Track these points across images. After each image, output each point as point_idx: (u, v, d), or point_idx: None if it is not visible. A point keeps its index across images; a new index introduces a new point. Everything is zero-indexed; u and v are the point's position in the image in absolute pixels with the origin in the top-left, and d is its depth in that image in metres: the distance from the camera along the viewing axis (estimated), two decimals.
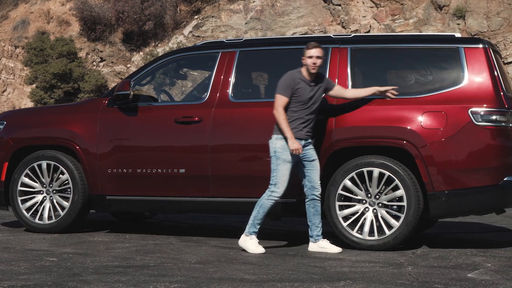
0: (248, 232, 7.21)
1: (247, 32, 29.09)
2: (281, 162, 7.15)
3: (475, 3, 27.55)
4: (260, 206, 7.19)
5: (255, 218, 7.20)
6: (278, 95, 7.21)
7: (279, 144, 7.17)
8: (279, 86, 7.23)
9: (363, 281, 5.62)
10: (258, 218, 7.20)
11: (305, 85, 7.21)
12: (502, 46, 26.46)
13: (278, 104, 7.18)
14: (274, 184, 7.17)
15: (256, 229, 7.21)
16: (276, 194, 7.15)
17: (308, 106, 7.21)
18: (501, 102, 7.20)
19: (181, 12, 30.63)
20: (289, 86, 7.18)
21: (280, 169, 7.15)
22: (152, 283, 5.43)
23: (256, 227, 7.21)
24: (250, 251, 7.11)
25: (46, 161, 8.46)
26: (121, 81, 8.35)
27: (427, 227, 8.80)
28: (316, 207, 7.26)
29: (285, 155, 7.14)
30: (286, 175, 7.16)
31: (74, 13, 29.77)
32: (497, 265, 6.45)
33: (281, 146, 7.15)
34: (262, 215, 7.19)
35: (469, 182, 7.15)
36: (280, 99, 7.18)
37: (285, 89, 7.18)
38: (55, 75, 26.36)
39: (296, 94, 7.18)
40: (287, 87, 7.18)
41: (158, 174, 8.02)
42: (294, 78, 7.21)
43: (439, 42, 7.70)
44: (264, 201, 7.18)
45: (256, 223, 7.20)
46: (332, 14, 29.30)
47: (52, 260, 6.50)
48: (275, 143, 7.19)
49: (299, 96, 7.18)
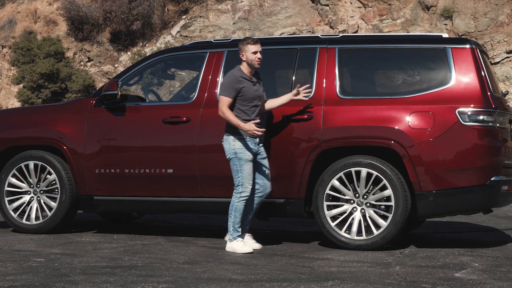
0: (232, 238, 7.22)
1: (235, 32, 29.09)
2: (244, 162, 7.15)
3: (462, 3, 27.66)
4: (235, 210, 7.18)
5: (234, 223, 7.20)
6: (221, 96, 7.19)
7: (238, 145, 7.17)
8: (222, 88, 7.22)
9: (351, 281, 5.62)
10: (237, 222, 7.20)
11: (248, 83, 7.21)
12: (489, 46, 26.57)
13: (222, 104, 7.16)
14: (241, 184, 7.16)
15: (239, 232, 7.22)
16: (245, 194, 7.15)
17: (254, 104, 7.22)
18: (488, 102, 7.23)
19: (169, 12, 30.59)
20: (232, 86, 7.16)
21: (245, 169, 7.15)
22: (140, 284, 5.41)
23: (238, 230, 7.21)
24: (240, 251, 7.12)
25: (33, 161, 8.43)
26: (109, 81, 8.33)
27: (415, 227, 8.82)
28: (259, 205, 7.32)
29: (246, 155, 7.15)
30: (251, 174, 7.18)
31: (61, 13, 29.67)
32: (484, 265, 6.47)
33: (240, 146, 7.16)
34: (239, 218, 7.19)
35: (456, 182, 7.17)
36: (224, 100, 7.16)
37: (228, 89, 7.16)
38: (42, 75, 26.27)
39: (241, 94, 7.16)
40: (230, 88, 7.16)
41: (146, 174, 8.01)
42: (237, 77, 7.19)
43: (426, 43, 7.72)
44: (237, 204, 7.17)
45: (236, 227, 7.20)
46: (320, 14, 29.34)
47: (40, 260, 6.48)
48: (233, 144, 7.18)
49: (244, 95, 7.17)
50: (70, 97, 26.33)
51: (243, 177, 7.15)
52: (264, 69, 7.47)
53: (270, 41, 8.58)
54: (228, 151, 7.21)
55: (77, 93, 26.62)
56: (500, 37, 26.67)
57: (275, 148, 7.57)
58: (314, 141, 7.45)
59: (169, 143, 7.98)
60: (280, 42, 8.47)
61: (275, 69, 8.40)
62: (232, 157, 7.18)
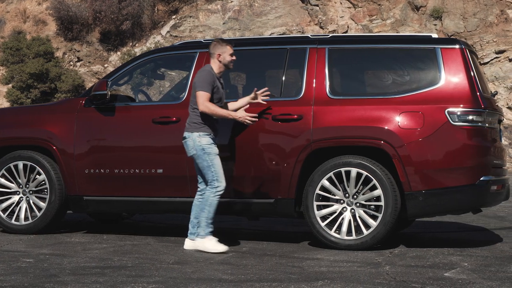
0: (203, 234, 7.18)
1: (225, 32, 29.07)
2: (214, 157, 7.17)
3: (451, 4, 27.73)
4: (209, 206, 7.15)
5: (207, 219, 7.17)
6: (201, 91, 7.16)
7: (204, 141, 7.18)
8: (200, 83, 7.18)
9: (341, 281, 5.63)
10: (210, 217, 7.18)
11: (218, 82, 7.29)
12: (479, 46, 26.66)
13: (204, 99, 7.14)
14: (216, 179, 7.15)
15: (211, 229, 7.20)
16: (220, 188, 7.15)
17: (220, 105, 7.29)
18: (477, 102, 7.25)
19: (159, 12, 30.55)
20: (209, 82, 7.19)
21: (216, 163, 7.17)
22: (130, 284, 5.40)
23: (210, 226, 7.19)
24: (211, 250, 7.07)
25: (22, 162, 8.40)
26: (98, 81, 8.30)
27: (404, 227, 8.84)
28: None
29: (214, 149, 7.20)
30: (222, 168, 7.19)
31: (50, 13, 29.60)
32: (473, 264, 6.49)
33: (208, 141, 7.19)
34: (213, 213, 7.17)
35: (446, 181, 7.19)
36: (205, 95, 7.16)
37: (207, 85, 7.17)
38: (31, 75, 26.19)
39: (214, 91, 7.22)
40: (208, 84, 7.18)
41: (136, 174, 7.99)
42: (212, 75, 7.24)
43: (416, 43, 7.73)
44: (212, 199, 7.14)
45: (209, 223, 7.18)
46: (310, 14, 29.36)
47: (29, 261, 6.46)
48: (199, 140, 7.19)
49: (216, 94, 7.23)
50: (59, 97, 26.26)
51: (216, 172, 7.15)
52: (254, 69, 7.47)
53: (260, 41, 8.58)
54: (193, 148, 7.20)
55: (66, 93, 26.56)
56: (489, 38, 26.76)
57: (265, 148, 7.57)
58: (304, 141, 7.45)
59: (159, 143, 7.97)
60: (270, 42, 8.46)
61: (265, 69, 8.41)
62: (199, 153, 7.17)
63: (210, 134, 7.20)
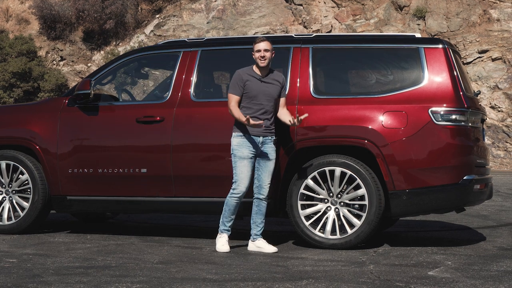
0: (219, 230, 7.27)
1: (209, 32, 29.04)
2: (237, 159, 7.17)
3: (435, 4, 27.85)
4: (226, 204, 7.22)
5: (223, 217, 7.26)
6: (229, 94, 7.26)
7: (235, 142, 7.20)
8: (229, 86, 7.30)
9: (325, 280, 5.64)
10: (225, 216, 7.23)
11: (255, 80, 7.23)
12: (462, 46, 26.78)
13: (229, 102, 7.23)
14: (235, 181, 7.18)
15: (225, 227, 7.25)
16: (236, 191, 7.16)
17: (260, 101, 7.22)
18: (460, 102, 7.28)
19: (142, 11, 30.47)
20: (237, 83, 7.23)
21: (238, 166, 7.17)
22: (113, 284, 5.39)
23: (226, 225, 7.24)
24: (217, 249, 7.18)
25: (5, 161, 8.35)
26: (82, 80, 8.27)
27: (388, 226, 8.86)
28: (260, 207, 7.28)
29: (240, 152, 7.16)
30: (245, 172, 7.17)
31: (33, 11, 29.45)
32: (457, 263, 6.52)
33: (237, 143, 7.18)
34: (228, 213, 7.21)
35: (429, 181, 7.22)
36: (231, 98, 7.23)
37: (234, 87, 7.23)
38: (14, 74, 26.04)
39: (246, 90, 7.21)
40: (236, 85, 7.23)
41: (120, 174, 7.97)
42: (241, 75, 7.25)
43: (399, 42, 7.76)
44: (228, 199, 7.21)
45: (224, 221, 7.24)
46: (294, 14, 29.38)
47: (12, 261, 6.42)
48: (232, 141, 7.22)
49: (248, 92, 7.21)
50: (42, 96, 26.14)
51: (237, 174, 7.16)
52: (238, 68, 7.45)
53: (244, 40, 8.57)
54: (231, 147, 7.24)
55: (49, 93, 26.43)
56: (472, 37, 26.89)
57: None
58: (288, 140, 7.46)
59: (143, 142, 7.95)
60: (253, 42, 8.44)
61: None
62: (231, 153, 7.22)
63: (242, 135, 7.18)
